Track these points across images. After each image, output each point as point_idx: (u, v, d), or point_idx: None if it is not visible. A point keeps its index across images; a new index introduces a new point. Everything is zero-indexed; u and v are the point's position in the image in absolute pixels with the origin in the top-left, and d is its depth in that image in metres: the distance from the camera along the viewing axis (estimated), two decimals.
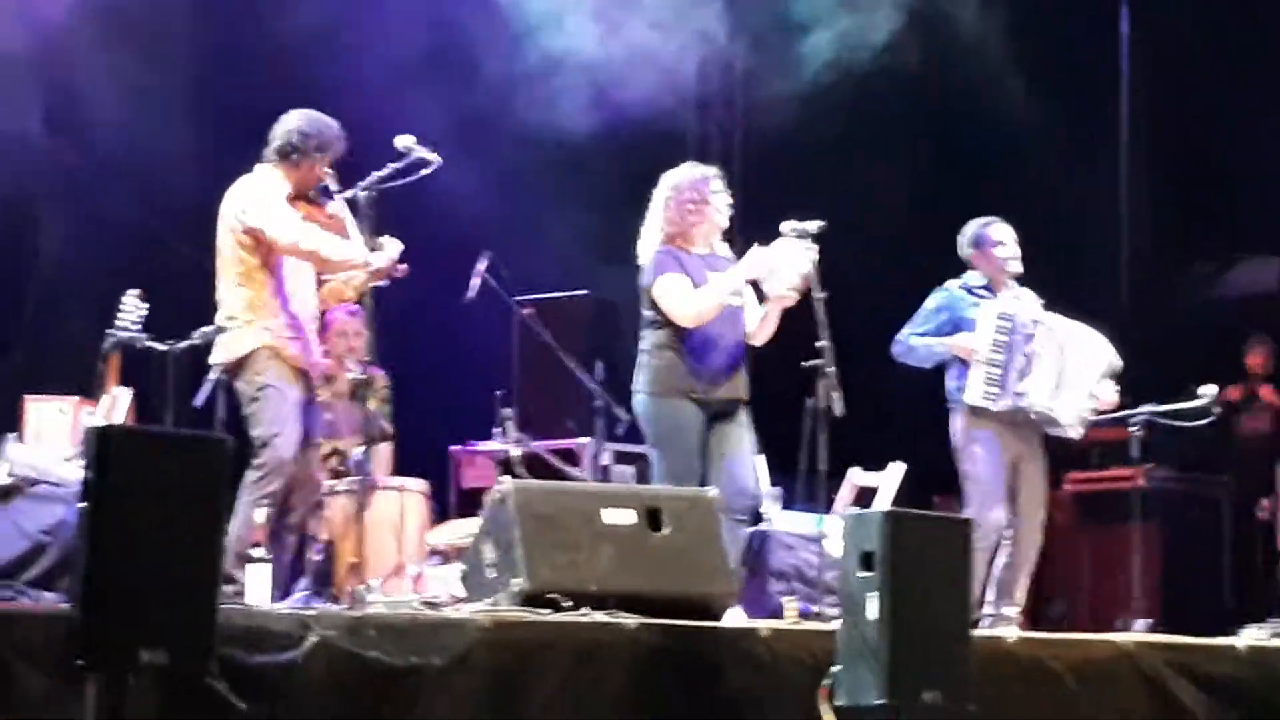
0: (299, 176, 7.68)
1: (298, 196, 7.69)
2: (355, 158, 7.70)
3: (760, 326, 7.90)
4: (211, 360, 7.63)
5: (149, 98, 10.12)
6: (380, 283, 7.69)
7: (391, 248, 7.75)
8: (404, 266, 7.81)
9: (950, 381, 8.55)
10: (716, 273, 7.82)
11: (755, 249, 7.82)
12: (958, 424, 8.53)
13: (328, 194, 7.73)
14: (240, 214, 7.56)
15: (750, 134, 12.62)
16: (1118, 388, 8.62)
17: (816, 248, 7.73)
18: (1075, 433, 8.58)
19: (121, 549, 4.99)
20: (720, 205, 7.95)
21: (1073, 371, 8.48)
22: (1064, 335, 8.54)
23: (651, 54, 10.92)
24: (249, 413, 7.54)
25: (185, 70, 10.33)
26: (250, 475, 7.39)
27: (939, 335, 8.53)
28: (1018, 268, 8.65)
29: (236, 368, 7.58)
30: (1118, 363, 8.59)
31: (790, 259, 7.73)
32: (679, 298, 7.75)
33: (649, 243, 7.93)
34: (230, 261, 7.60)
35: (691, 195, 7.90)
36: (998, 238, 8.65)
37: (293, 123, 7.71)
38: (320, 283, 7.83)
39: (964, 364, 8.48)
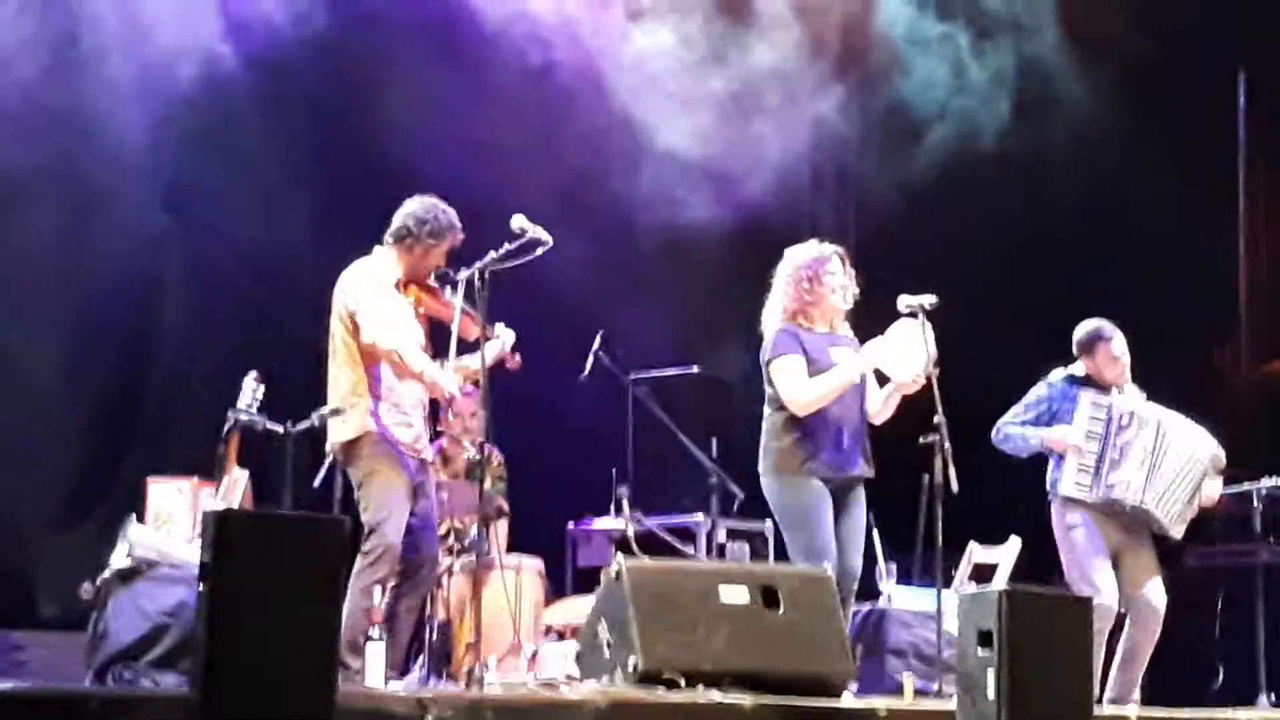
0: (412, 262, 7.74)
1: (411, 281, 7.76)
2: (472, 238, 7.76)
3: (882, 408, 7.87)
4: (328, 444, 7.70)
5: (267, 180, 10.24)
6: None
7: (506, 337, 7.82)
8: (518, 359, 7.86)
9: (1049, 472, 8.48)
10: (839, 348, 7.80)
11: (874, 342, 7.79)
12: (1055, 515, 8.43)
13: (444, 281, 7.79)
14: (347, 300, 7.64)
15: (863, 217, 12.62)
16: (1220, 481, 8.47)
17: (928, 323, 7.69)
18: (1176, 531, 8.41)
19: (239, 631, 5.03)
20: (836, 285, 7.91)
21: (1170, 465, 8.33)
22: (1163, 428, 8.37)
23: (769, 141, 10.99)
24: (358, 497, 7.60)
25: (301, 153, 10.43)
26: (360, 561, 7.43)
27: (1037, 425, 8.45)
28: (1126, 378, 8.53)
29: (346, 452, 7.63)
30: (1220, 456, 8.44)
31: (914, 345, 7.69)
32: (793, 384, 7.72)
33: (771, 318, 7.93)
34: (339, 344, 7.68)
35: (807, 273, 7.90)
36: (1113, 350, 8.48)
37: (410, 208, 7.80)
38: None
39: (1061, 455, 8.38)
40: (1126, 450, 8.32)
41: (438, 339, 7.84)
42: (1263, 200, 12.36)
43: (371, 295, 7.63)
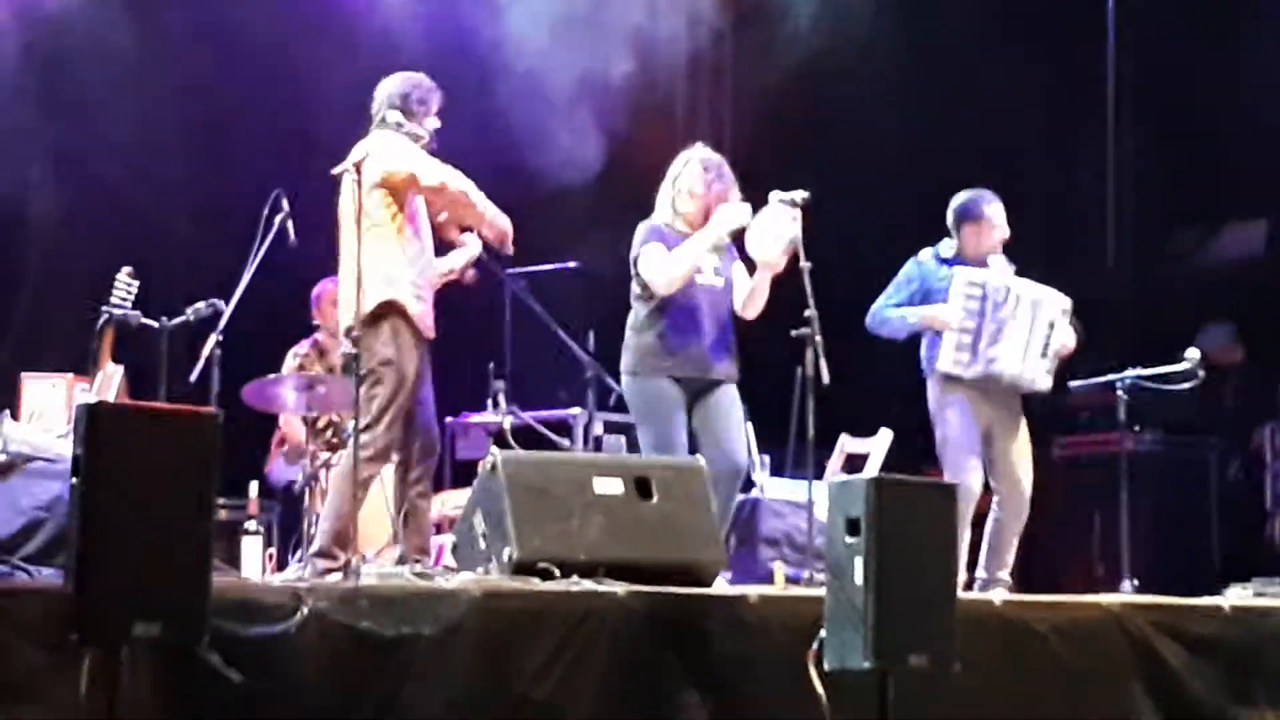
0: (414, 137, 7.76)
1: None
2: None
3: (750, 300, 7.95)
4: (344, 326, 7.58)
5: (140, 78, 10.15)
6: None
7: (473, 247, 7.88)
8: (473, 273, 7.94)
9: (924, 350, 8.63)
10: None
11: (722, 208, 7.89)
12: (931, 392, 8.60)
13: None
14: (382, 165, 7.58)
15: (739, 106, 12.65)
16: (1076, 324, 8.66)
17: (800, 215, 7.78)
18: (1045, 383, 8.60)
19: (113, 524, 5.03)
20: (688, 187, 7.99)
21: (1034, 328, 8.52)
22: (1033, 299, 8.57)
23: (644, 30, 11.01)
24: (368, 376, 7.59)
25: (177, 51, 10.35)
26: (360, 454, 7.37)
27: (911, 305, 8.59)
28: (1003, 240, 8.70)
29: (365, 327, 7.54)
30: (1067, 302, 8.61)
31: (775, 226, 7.78)
32: (652, 266, 7.83)
33: (645, 222, 8.03)
34: (360, 219, 7.44)
35: (670, 177, 8.02)
36: (988, 211, 8.67)
37: (390, 88, 7.83)
38: None
39: (937, 333, 8.54)
40: (1003, 325, 8.47)
41: None
42: (1129, 93, 12.49)
43: (412, 153, 7.67)
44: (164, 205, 9.97)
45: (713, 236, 7.84)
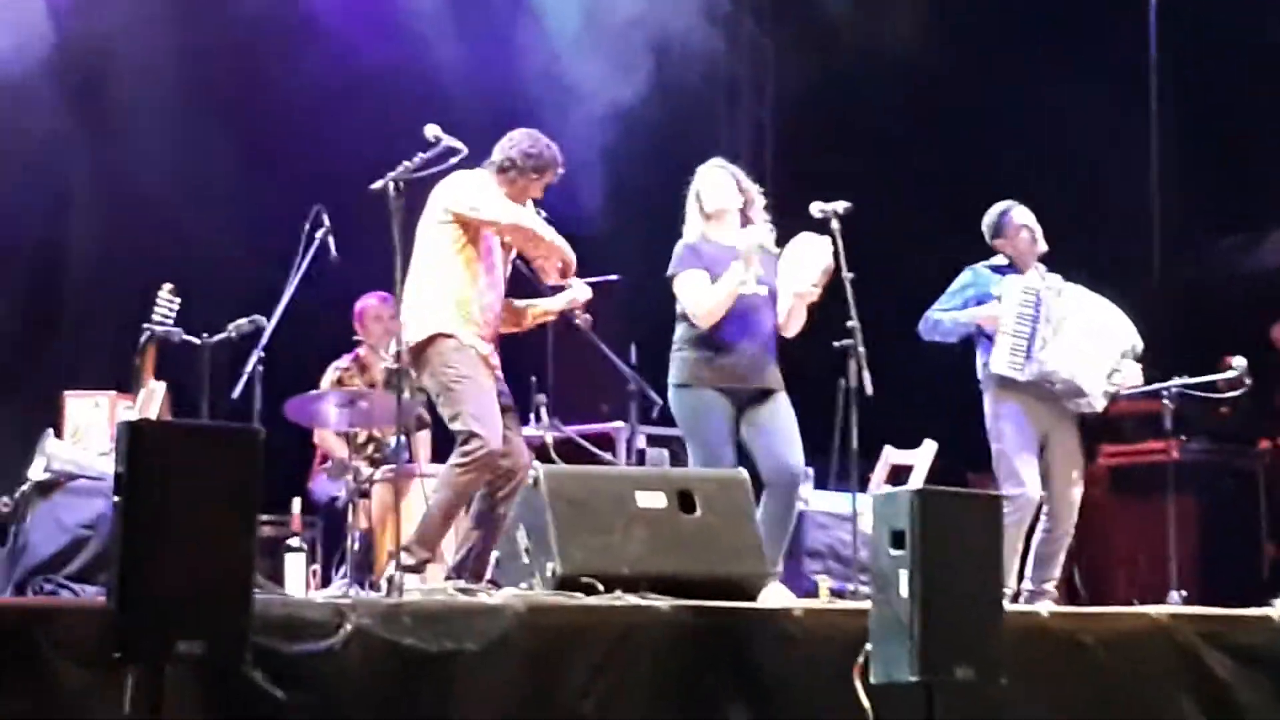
0: (513, 194, 7.82)
1: None
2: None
3: (788, 320, 7.93)
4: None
5: (181, 95, 10.18)
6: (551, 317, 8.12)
7: (581, 292, 7.90)
8: (588, 317, 7.96)
9: (980, 361, 8.61)
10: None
11: (744, 231, 7.88)
12: (987, 400, 8.59)
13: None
14: (457, 197, 7.67)
15: (780, 119, 12.64)
16: (1139, 368, 8.63)
17: (830, 240, 7.76)
18: (1100, 404, 8.58)
19: (155, 541, 5.03)
20: (710, 195, 7.97)
21: (1096, 342, 8.50)
22: (1089, 308, 8.56)
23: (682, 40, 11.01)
24: (440, 404, 7.70)
25: (218, 68, 10.38)
26: (457, 462, 7.50)
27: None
28: (1041, 249, 8.70)
29: (416, 356, 7.62)
30: (1139, 344, 8.61)
31: (810, 253, 7.77)
32: (692, 296, 7.81)
33: (681, 242, 8.02)
34: (430, 249, 7.68)
35: (694, 188, 8.00)
36: (1019, 221, 8.70)
37: (517, 140, 7.86)
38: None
39: (990, 340, 8.52)
40: (1058, 327, 8.45)
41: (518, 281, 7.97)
42: (1172, 101, 12.42)
43: (484, 189, 7.71)
44: (205, 222, 9.98)
45: (742, 267, 7.80)
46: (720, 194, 7.97)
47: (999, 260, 8.72)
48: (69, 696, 5.22)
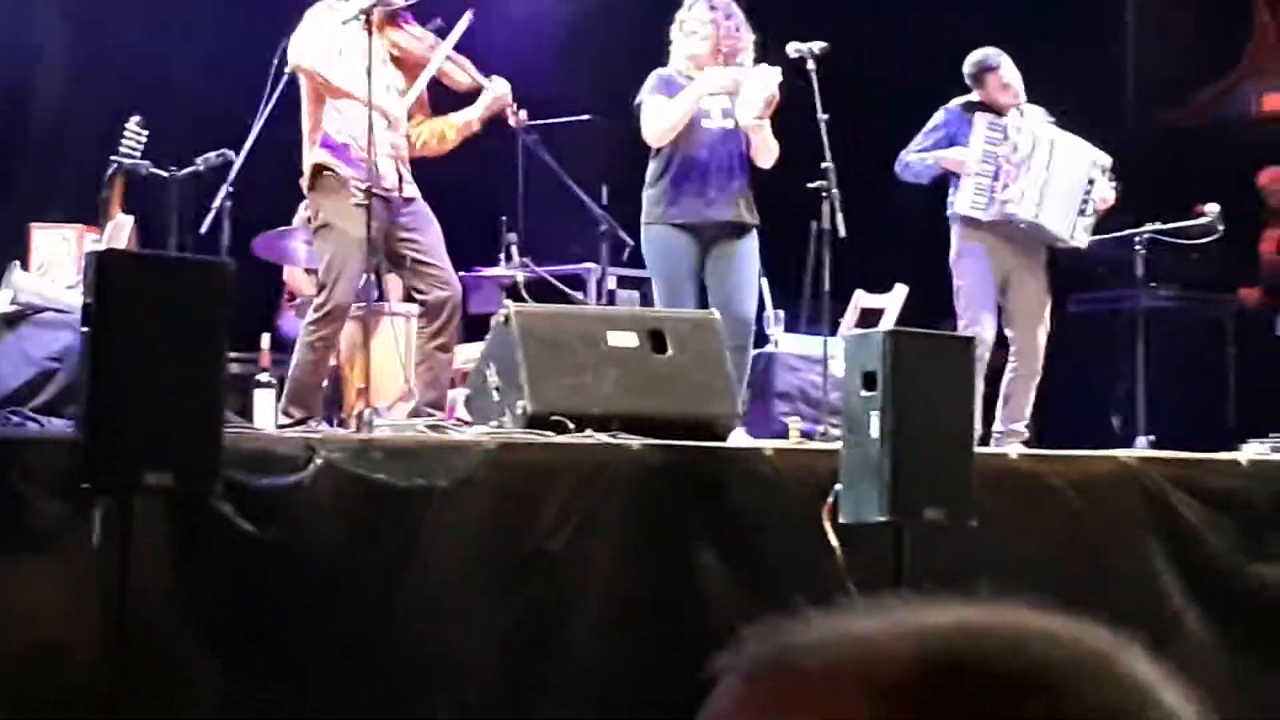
0: None
1: (383, 22, 7.56)
2: None
3: (756, 151, 7.86)
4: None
5: None
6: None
7: (500, 87, 7.72)
8: (523, 115, 7.79)
9: (950, 196, 8.60)
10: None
11: (713, 68, 7.81)
12: (953, 239, 8.59)
13: (410, 14, 7.66)
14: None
15: None
16: (1115, 184, 8.61)
17: (780, 71, 7.69)
18: (1079, 241, 8.57)
19: (124, 373, 5.01)
20: (692, 28, 7.88)
21: (1061, 179, 8.47)
22: (1055, 144, 8.52)
23: None
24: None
25: None
26: (309, 316, 7.48)
27: (936, 150, 8.57)
28: (1020, 99, 8.64)
29: (308, 195, 7.57)
30: (1105, 160, 8.58)
31: (756, 83, 7.69)
32: (647, 118, 7.75)
33: (657, 70, 7.94)
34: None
35: (677, 20, 7.92)
36: (1002, 76, 8.64)
37: None
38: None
39: (959, 177, 8.50)
40: (1021, 166, 8.42)
41: (437, 93, 7.77)
42: None
43: (304, 27, 7.49)
44: (175, 53, 9.85)
45: (704, 87, 7.73)
46: (692, 43, 7.87)
47: (972, 98, 8.67)
48: (38, 526, 5.21)
